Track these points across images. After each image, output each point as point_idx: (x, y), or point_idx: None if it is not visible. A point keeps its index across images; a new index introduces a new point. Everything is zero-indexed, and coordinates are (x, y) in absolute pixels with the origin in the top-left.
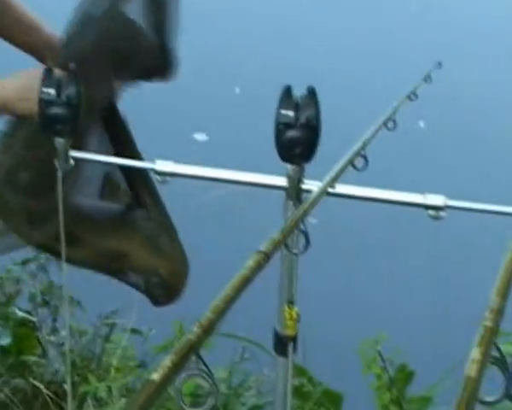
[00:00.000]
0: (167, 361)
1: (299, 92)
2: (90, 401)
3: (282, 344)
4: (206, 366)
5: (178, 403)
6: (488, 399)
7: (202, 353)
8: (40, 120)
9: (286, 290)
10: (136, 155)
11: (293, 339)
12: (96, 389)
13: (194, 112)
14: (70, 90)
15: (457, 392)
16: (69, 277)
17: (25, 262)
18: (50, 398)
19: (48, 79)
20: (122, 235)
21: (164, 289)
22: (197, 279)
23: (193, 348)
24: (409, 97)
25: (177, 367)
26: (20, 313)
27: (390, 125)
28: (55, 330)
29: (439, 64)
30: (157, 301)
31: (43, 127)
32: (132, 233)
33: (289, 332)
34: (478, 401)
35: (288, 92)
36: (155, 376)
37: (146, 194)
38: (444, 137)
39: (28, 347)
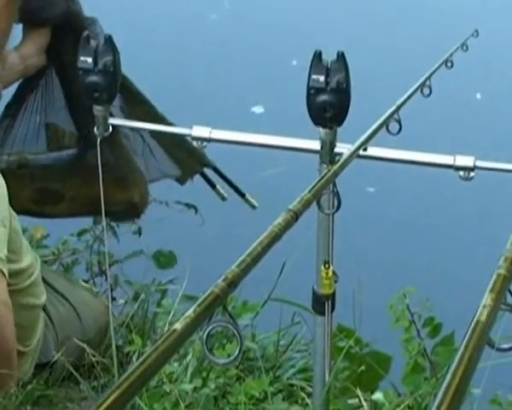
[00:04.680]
0: (190, 312)
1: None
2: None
3: (320, 303)
4: (232, 317)
5: (204, 353)
6: (504, 346)
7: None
8: (81, 88)
9: (322, 251)
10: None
11: (331, 297)
12: (144, 351)
13: (253, 86)
14: (106, 58)
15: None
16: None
17: (80, 233)
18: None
19: (85, 47)
20: (92, 180)
21: (136, 210)
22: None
23: (217, 301)
24: (445, 64)
25: (200, 318)
26: None
27: (425, 91)
28: (112, 299)
29: (476, 32)
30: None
31: (84, 95)
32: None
33: (326, 291)
34: (494, 348)
35: (318, 58)
36: (178, 326)
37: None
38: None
39: None
